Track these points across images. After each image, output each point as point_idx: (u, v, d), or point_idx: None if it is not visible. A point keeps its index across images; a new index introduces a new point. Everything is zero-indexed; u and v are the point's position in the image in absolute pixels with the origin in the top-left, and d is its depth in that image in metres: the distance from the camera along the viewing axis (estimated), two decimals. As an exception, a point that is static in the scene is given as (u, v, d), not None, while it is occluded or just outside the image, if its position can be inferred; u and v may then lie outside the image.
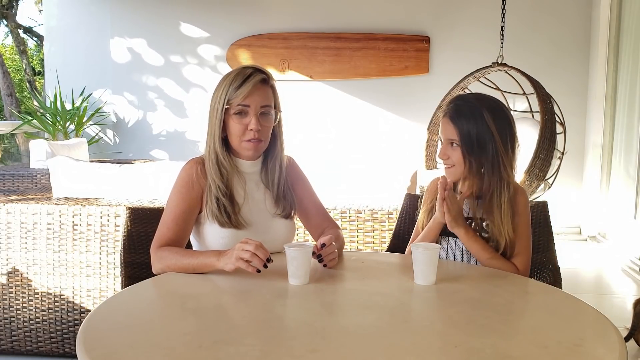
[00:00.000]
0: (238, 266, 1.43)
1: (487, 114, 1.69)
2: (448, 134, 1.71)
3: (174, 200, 1.64)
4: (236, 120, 1.63)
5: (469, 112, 1.70)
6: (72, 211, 2.38)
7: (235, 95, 1.61)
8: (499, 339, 1.12)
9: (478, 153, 1.68)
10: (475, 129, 1.68)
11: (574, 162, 5.02)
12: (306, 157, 2.95)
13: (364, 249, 2.53)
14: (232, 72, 1.66)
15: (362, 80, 5.50)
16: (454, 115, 1.71)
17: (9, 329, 2.46)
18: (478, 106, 1.71)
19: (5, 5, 11.02)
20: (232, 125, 1.64)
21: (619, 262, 4.20)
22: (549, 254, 2.14)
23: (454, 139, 1.70)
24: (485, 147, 1.68)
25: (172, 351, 1.06)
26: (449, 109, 1.73)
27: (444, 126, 1.73)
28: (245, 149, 1.66)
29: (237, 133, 1.64)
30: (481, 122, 1.69)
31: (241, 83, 1.61)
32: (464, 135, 1.68)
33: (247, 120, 1.62)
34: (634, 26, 4.51)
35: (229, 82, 1.63)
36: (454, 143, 1.70)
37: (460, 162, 1.70)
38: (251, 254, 1.41)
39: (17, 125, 5.76)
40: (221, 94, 1.63)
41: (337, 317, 1.27)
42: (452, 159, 1.71)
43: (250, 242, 1.43)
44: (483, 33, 5.09)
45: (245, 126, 1.63)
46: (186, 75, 5.72)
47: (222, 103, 1.63)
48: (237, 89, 1.61)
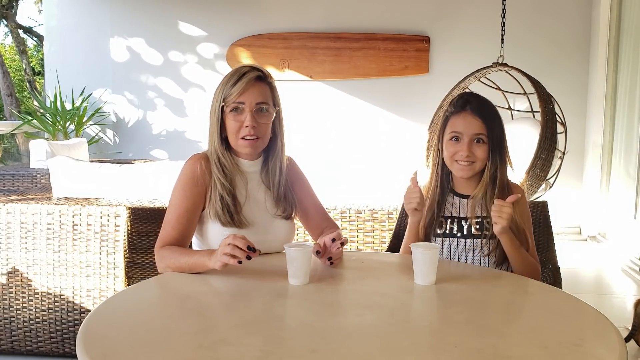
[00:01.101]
0: (223, 261, 1.43)
1: (497, 112, 1.71)
2: (474, 129, 1.66)
3: (177, 198, 1.64)
4: (232, 117, 1.64)
5: (490, 107, 1.70)
6: (72, 211, 2.38)
7: (230, 93, 1.63)
8: (499, 339, 1.12)
9: (500, 151, 1.68)
10: (497, 124, 1.68)
11: (574, 162, 5.02)
12: (306, 157, 2.95)
13: (364, 249, 2.53)
14: (230, 71, 1.68)
15: (362, 80, 5.50)
16: (479, 110, 1.67)
17: (9, 329, 2.46)
18: (491, 104, 1.73)
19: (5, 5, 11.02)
20: (228, 123, 1.66)
21: (619, 262, 4.20)
22: (549, 254, 2.14)
23: (482, 134, 1.66)
24: (503, 146, 1.68)
25: (172, 351, 1.06)
26: (470, 103, 1.69)
27: (467, 120, 1.67)
28: (242, 146, 1.67)
29: (233, 130, 1.65)
30: (499, 119, 1.69)
31: (236, 80, 1.63)
32: (492, 131, 1.66)
33: (242, 117, 1.64)
34: (634, 26, 4.51)
35: (225, 81, 1.65)
36: (481, 139, 1.66)
37: (484, 159, 1.67)
38: (232, 247, 1.41)
39: (17, 125, 5.76)
40: (218, 93, 1.66)
41: (337, 317, 1.27)
42: (476, 155, 1.67)
43: (230, 235, 1.43)
44: (483, 33, 5.09)
45: (240, 123, 1.64)
46: (186, 75, 5.72)
47: (219, 102, 1.65)
48: (232, 87, 1.63)
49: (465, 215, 1.73)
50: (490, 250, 1.69)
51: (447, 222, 1.74)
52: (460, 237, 1.72)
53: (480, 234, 1.70)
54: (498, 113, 1.71)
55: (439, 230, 1.74)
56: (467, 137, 1.67)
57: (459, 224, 1.73)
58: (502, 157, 1.70)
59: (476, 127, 1.66)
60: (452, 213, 1.74)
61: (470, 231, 1.71)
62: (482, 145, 1.67)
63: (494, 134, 1.67)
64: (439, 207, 1.75)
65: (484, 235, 1.69)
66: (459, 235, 1.72)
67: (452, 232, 1.73)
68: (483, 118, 1.66)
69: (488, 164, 1.68)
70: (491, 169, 1.68)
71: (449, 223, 1.74)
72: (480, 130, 1.66)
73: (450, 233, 1.73)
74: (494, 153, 1.67)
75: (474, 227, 1.71)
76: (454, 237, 1.72)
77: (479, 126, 1.66)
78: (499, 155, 1.68)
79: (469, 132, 1.67)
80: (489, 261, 1.70)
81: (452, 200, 1.77)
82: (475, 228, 1.71)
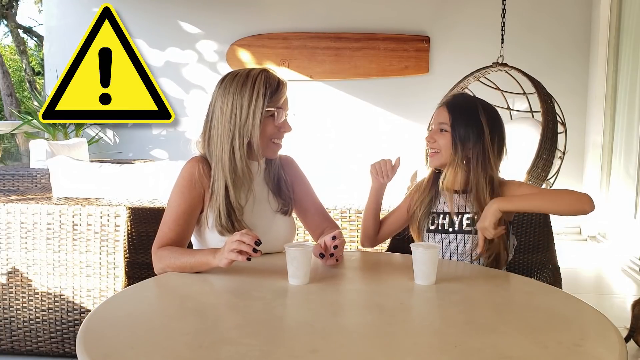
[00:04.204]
0: (231, 259, 1.42)
1: (481, 109, 1.74)
2: (440, 119, 1.75)
3: (175, 200, 1.64)
4: (272, 122, 1.64)
5: (465, 102, 1.78)
6: (72, 211, 2.38)
7: (273, 99, 1.62)
8: (499, 339, 1.12)
9: (466, 142, 1.71)
10: (467, 118, 1.72)
11: (574, 162, 5.01)
12: (306, 157, 2.95)
13: (364, 249, 2.53)
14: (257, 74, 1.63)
15: (362, 80, 5.50)
16: (450, 102, 1.77)
17: (9, 329, 2.46)
18: (475, 101, 1.79)
19: (5, 5, 11.02)
20: (268, 127, 1.64)
21: (619, 262, 4.19)
22: (549, 254, 2.14)
23: (445, 124, 1.73)
24: (474, 138, 1.71)
25: (172, 351, 1.06)
26: (446, 99, 1.80)
27: (438, 113, 1.77)
28: (273, 150, 1.70)
29: (271, 134, 1.66)
30: (474, 113, 1.73)
31: (277, 86, 1.63)
32: (456, 121, 1.72)
33: (280, 122, 1.65)
34: (634, 26, 4.51)
35: (263, 85, 1.61)
36: (443, 128, 1.74)
37: (447, 147, 1.73)
38: (238, 242, 1.41)
39: (17, 125, 5.76)
40: (257, 97, 1.61)
41: (337, 317, 1.27)
42: (438, 143, 1.74)
43: (237, 233, 1.44)
44: (483, 33, 5.09)
45: (278, 128, 1.66)
46: (186, 75, 5.72)
47: (261, 106, 1.61)
48: (274, 93, 1.62)
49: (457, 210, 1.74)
50: (481, 253, 1.69)
51: (439, 218, 1.77)
52: (452, 233, 1.74)
53: (472, 230, 1.72)
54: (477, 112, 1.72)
55: (432, 226, 1.78)
56: (434, 126, 1.78)
57: (450, 219, 1.75)
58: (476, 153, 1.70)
59: (441, 117, 1.75)
60: (444, 209, 1.77)
61: (462, 226, 1.73)
62: (445, 134, 1.73)
63: (458, 124, 1.71)
64: (430, 204, 1.79)
65: (474, 231, 1.71)
66: (451, 230, 1.75)
67: (444, 228, 1.75)
68: (450, 109, 1.74)
69: (452, 152, 1.71)
70: (455, 158, 1.71)
71: (440, 219, 1.77)
72: (444, 119, 1.74)
73: (442, 229, 1.75)
74: (455, 142, 1.70)
75: (466, 222, 1.73)
76: (446, 232, 1.75)
77: (443, 115, 1.74)
78: (462, 146, 1.70)
79: (436, 122, 1.77)
80: (481, 258, 1.72)
81: (445, 197, 1.79)
82: (467, 223, 1.73)
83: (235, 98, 1.62)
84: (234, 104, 1.62)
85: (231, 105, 1.62)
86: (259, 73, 1.64)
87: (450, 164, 1.72)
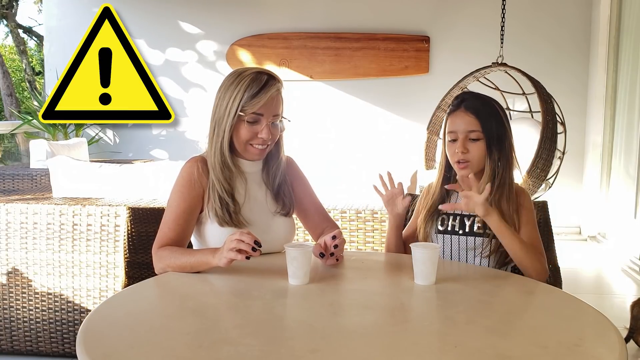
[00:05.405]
0: (230, 257, 1.42)
1: (500, 110, 1.67)
2: (467, 126, 1.63)
3: (175, 200, 1.64)
4: (247, 127, 1.62)
5: (484, 104, 1.67)
6: (72, 211, 2.38)
7: (250, 104, 1.59)
8: (499, 339, 1.12)
9: (499, 148, 1.64)
10: (494, 119, 1.64)
11: (574, 162, 5.01)
12: (306, 157, 2.95)
13: (364, 249, 2.53)
14: (246, 75, 1.61)
15: (362, 80, 5.50)
16: (472, 106, 1.64)
17: (9, 329, 2.46)
18: (491, 101, 1.69)
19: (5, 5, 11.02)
20: (242, 130, 1.62)
21: (619, 262, 4.19)
22: (549, 254, 2.14)
23: (476, 131, 1.62)
24: (504, 143, 1.65)
25: (172, 351, 1.06)
26: (465, 101, 1.66)
27: (461, 118, 1.65)
28: (252, 153, 1.67)
29: (246, 138, 1.63)
30: (498, 115, 1.65)
31: (257, 91, 1.59)
32: (486, 126, 1.62)
33: (258, 128, 1.62)
34: (634, 26, 4.51)
35: (243, 88, 1.59)
36: (475, 137, 1.63)
37: (480, 157, 1.64)
38: (237, 241, 1.41)
39: (17, 125, 5.76)
40: (235, 97, 1.60)
41: (337, 317, 1.27)
42: (472, 153, 1.63)
43: (237, 232, 1.44)
44: (483, 33, 5.09)
45: (255, 133, 1.63)
46: (186, 75, 5.72)
47: (235, 108, 1.60)
48: (252, 97, 1.59)
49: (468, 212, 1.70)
50: (492, 251, 1.66)
51: (449, 219, 1.72)
52: (462, 235, 1.70)
53: (483, 232, 1.67)
54: (497, 110, 1.67)
55: (441, 227, 1.73)
56: (461, 134, 1.65)
57: (460, 221, 1.71)
58: (504, 154, 1.65)
59: (469, 124, 1.64)
60: (455, 211, 1.72)
61: (472, 229, 1.69)
62: (477, 143, 1.64)
63: (489, 129, 1.63)
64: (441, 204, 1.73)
65: (486, 234, 1.66)
66: (461, 232, 1.70)
67: (453, 229, 1.71)
68: (476, 114, 1.63)
69: (487, 160, 1.64)
70: (491, 165, 1.64)
71: (450, 220, 1.72)
72: (473, 126, 1.63)
73: (452, 230, 1.71)
74: (490, 149, 1.63)
75: (477, 225, 1.68)
76: (455, 234, 1.71)
77: (471, 122, 1.63)
78: (497, 150, 1.64)
79: (463, 130, 1.65)
80: (490, 262, 1.69)
81: (456, 198, 1.74)
82: (478, 226, 1.68)
83: (220, 95, 1.64)
84: (219, 101, 1.64)
85: (216, 103, 1.65)
86: (249, 74, 1.62)
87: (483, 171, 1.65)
